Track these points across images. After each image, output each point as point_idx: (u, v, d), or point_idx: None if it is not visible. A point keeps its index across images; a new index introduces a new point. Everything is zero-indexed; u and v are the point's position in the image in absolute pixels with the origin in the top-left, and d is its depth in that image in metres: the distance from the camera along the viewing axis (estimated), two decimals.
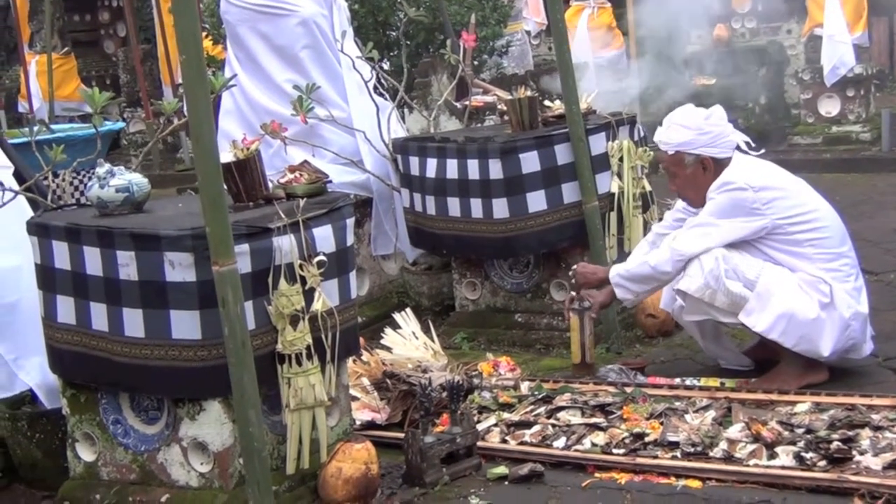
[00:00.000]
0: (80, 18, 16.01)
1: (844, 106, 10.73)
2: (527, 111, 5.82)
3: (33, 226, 4.14)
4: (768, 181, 4.78)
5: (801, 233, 4.73)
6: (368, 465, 4.01)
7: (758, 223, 4.69)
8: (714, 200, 4.74)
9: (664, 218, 5.35)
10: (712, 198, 4.76)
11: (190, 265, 3.74)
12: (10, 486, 4.53)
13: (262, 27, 6.30)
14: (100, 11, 16.20)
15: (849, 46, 10.46)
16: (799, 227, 4.73)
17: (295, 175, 4.31)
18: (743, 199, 4.71)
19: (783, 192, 4.77)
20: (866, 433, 4.07)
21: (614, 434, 4.32)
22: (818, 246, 4.75)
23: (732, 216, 4.69)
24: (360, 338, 4.67)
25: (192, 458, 3.97)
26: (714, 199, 4.75)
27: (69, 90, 13.87)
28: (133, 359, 3.90)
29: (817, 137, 10.72)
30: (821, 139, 10.69)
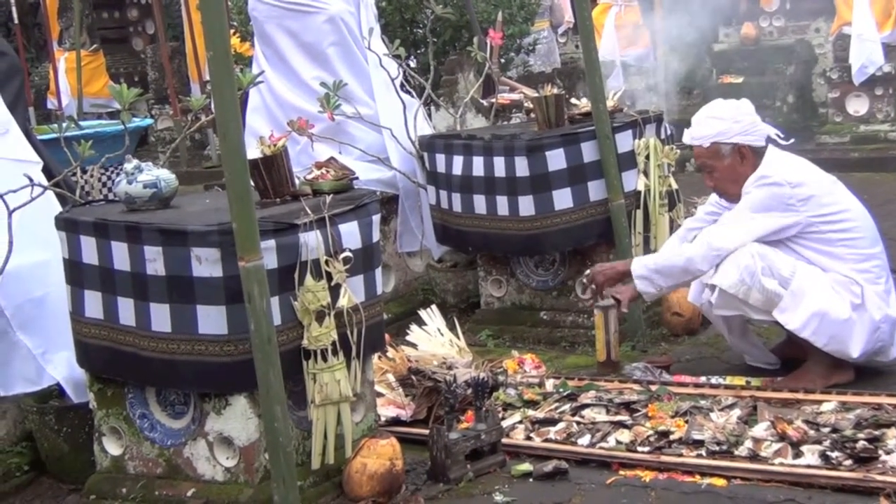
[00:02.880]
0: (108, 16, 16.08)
1: (873, 105, 10.66)
2: (553, 109, 5.81)
3: (61, 221, 4.18)
4: (805, 178, 4.76)
5: (834, 232, 4.71)
6: (393, 460, 4.02)
7: (792, 219, 4.67)
8: (750, 195, 4.72)
9: (697, 213, 5.32)
10: (749, 192, 4.73)
11: (217, 260, 3.77)
12: (38, 480, 4.56)
13: (290, 24, 6.32)
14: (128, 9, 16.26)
15: (877, 45, 10.39)
16: (832, 226, 4.71)
17: (321, 171, 4.33)
18: (780, 195, 4.69)
19: (819, 190, 4.75)
20: (892, 433, 4.05)
21: (639, 432, 4.32)
22: (850, 246, 4.73)
23: (769, 210, 4.67)
24: (386, 334, 4.70)
25: (217, 452, 4.00)
26: (751, 192, 4.72)
27: (98, 87, 13.92)
28: (160, 353, 3.93)
29: (845, 136, 10.64)
30: (849, 138, 10.62)
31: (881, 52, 10.43)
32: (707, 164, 4.89)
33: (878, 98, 10.64)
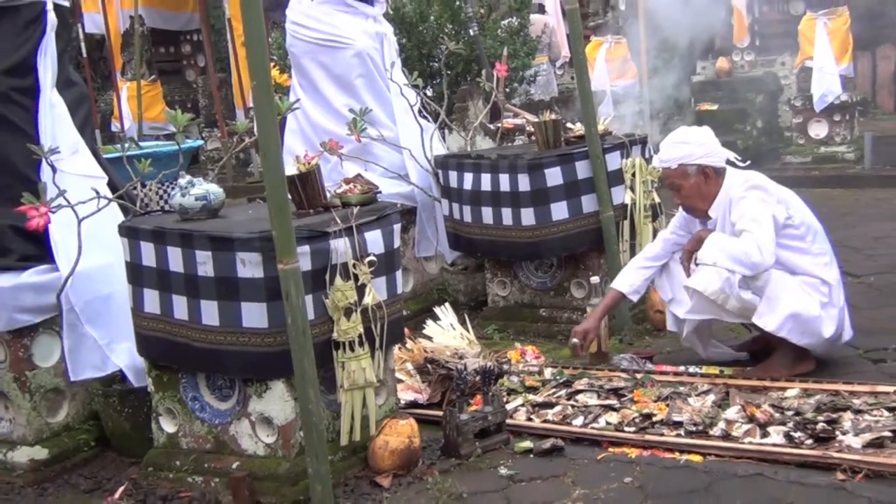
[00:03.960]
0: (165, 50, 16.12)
1: (831, 129, 10.66)
2: (552, 132, 5.81)
3: (124, 228, 4.18)
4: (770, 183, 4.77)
5: (796, 228, 4.68)
6: (411, 438, 4.05)
7: (781, 209, 4.62)
8: (746, 199, 4.62)
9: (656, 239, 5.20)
10: (743, 196, 4.64)
11: (259, 263, 3.76)
12: (102, 454, 4.56)
13: (323, 58, 6.33)
14: (182, 44, 16.30)
15: (836, 77, 10.40)
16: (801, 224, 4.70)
17: (349, 186, 4.33)
18: (767, 189, 4.68)
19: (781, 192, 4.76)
20: (848, 416, 4.05)
21: (626, 414, 4.33)
22: (813, 241, 4.73)
23: (766, 203, 4.60)
24: (405, 328, 4.68)
25: (259, 430, 4.01)
26: (746, 197, 4.63)
27: (155, 112, 13.94)
28: (209, 344, 3.93)
29: (807, 157, 10.65)
30: (810, 158, 10.62)
31: (839, 83, 10.44)
32: (675, 184, 4.81)
33: (836, 123, 10.65)
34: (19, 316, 4.36)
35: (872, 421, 3.98)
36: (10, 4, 4.50)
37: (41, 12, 4.60)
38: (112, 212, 4.48)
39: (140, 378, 4.42)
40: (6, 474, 4.38)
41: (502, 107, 6.77)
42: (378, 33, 6.43)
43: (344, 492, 3.90)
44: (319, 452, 3.72)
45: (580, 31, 5.85)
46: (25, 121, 4.54)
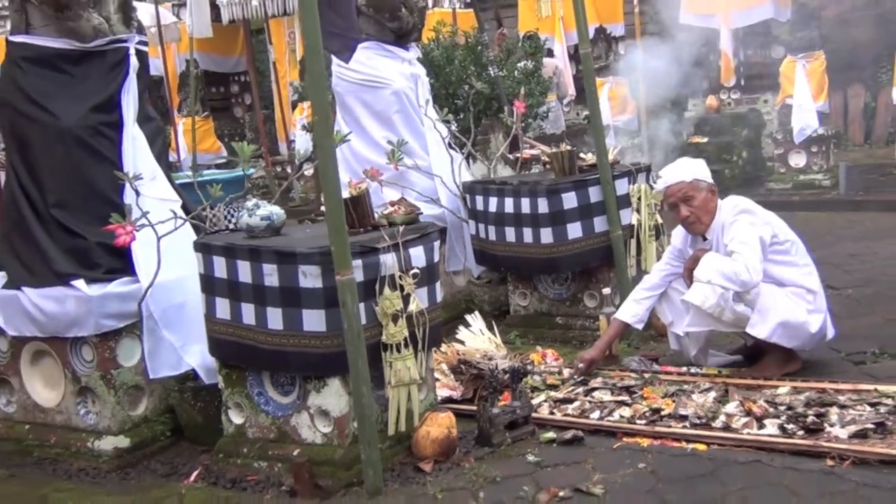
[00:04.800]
0: (216, 90, 16.20)
1: (810, 159, 10.64)
2: (567, 161, 5.85)
3: (199, 245, 4.21)
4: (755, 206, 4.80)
5: (781, 244, 4.70)
6: (450, 429, 4.07)
7: (767, 230, 4.65)
8: (737, 222, 4.65)
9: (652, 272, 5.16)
10: (734, 220, 4.67)
11: (318, 275, 3.80)
12: (177, 443, 4.60)
13: (365, 97, 6.38)
14: (231, 85, 16.38)
15: (813, 113, 10.41)
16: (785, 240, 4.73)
17: (394, 208, 4.35)
18: (754, 213, 4.71)
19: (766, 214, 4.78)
20: (834, 410, 4.07)
21: (637, 409, 4.35)
22: (798, 254, 4.75)
23: (754, 225, 4.63)
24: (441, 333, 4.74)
25: (317, 421, 4.03)
26: (736, 220, 4.66)
27: (207, 145, 13.98)
28: (274, 346, 3.96)
29: (788, 184, 10.63)
30: (791, 185, 10.60)
31: (816, 119, 10.45)
32: (688, 195, 4.75)
33: (814, 154, 10.65)
34: (106, 321, 4.41)
35: (856, 415, 4.00)
36: (98, 49, 4.59)
37: (125, 56, 4.68)
38: (184, 230, 4.50)
39: (210, 376, 4.46)
40: (94, 460, 4.43)
41: (520, 139, 6.81)
42: (413, 74, 6.49)
43: (391, 476, 3.91)
44: (371, 441, 3.77)
45: (593, 74, 5.88)
46: (111, 151, 4.62)
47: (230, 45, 15.23)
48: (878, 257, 7.51)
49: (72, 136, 4.53)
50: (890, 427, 3.86)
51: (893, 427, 3.87)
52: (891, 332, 5.37)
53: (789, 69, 10.61)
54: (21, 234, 4.63)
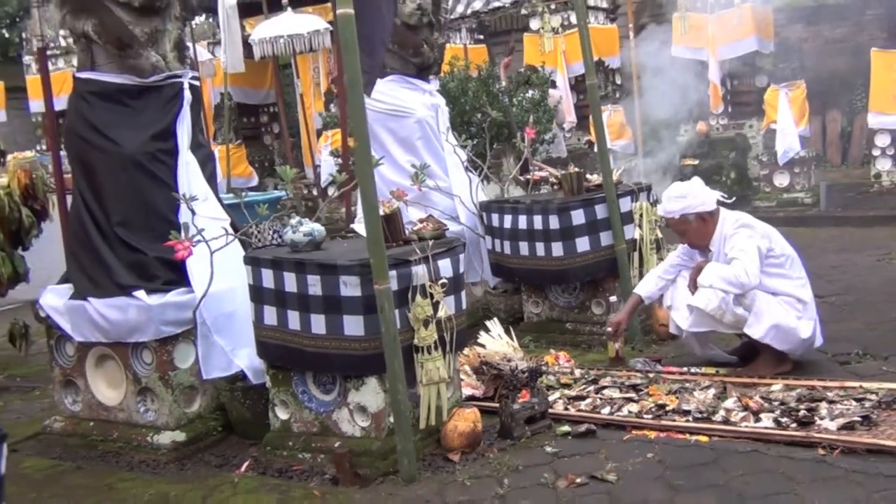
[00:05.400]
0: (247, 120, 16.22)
1: (792, 179, 10.68)
2: (576, 182, 5.92)
3: (248, 258, 4.26)
4: (756, 221, 4.88)
5: (777, 258, 4.77)
6: (475, 423, 4.10)
7: (765, 243, 4.72)
8: (737, 234, 4.74)
9: (667, 259, 5.28)
10: (734, 233, 4.76)
11: (357, 285, 3.85)
12: (228, 437, 4.62)
13: (390, 125, 6.40)
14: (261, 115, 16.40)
15: (795, 136, 10.44)
16: (781, 254, 4.79)
17: (423, 224, 4.40)
18: (753, 227, 4.79)
19: (765, 228, 4.86)
20: (823, 405, 4.12)
21: (644, 405, 4.39)
22: (792, 268, 4.81)
23: (752, 238, 4.71)
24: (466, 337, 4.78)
25: (356, 416, 4.07)
26: (737, 233, 4.75)
27: (240, 170, 13.94)
28: (317, 349, 4.00)
29: (773, 202, 10.66)
30: (775, 203, 10.63)
31: (798, 142, 10.50)
32: (680, 229, 4.92)
33: (796, 174, 10.70)
34: (164, 328, 4.44)
35: (844, 409, 4.06)
36: (156, 84, 4.64)
37: (179, 90, 4.71)
38: (233, 246, 4.52)
39: (258, 376, 4.48)
40: (153, 453, 4.45)
41: (530, 162, 6.87)
42: (434, 104, 6.53)
43: (423, 465, 3.94)
44: (405, 433, 3.82)
45: (599, 104, 5.95)
46: (167, 175, 4.64)
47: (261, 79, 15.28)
48: (857, 268, 7.56)
49: (133, 162, 4.56)
50: (875, 419, 3.92)
51: (878, 419, 3.93)
52: (872, 335, 5.43)
53: (773, 97, 10.66)
54: (86, 251, 4.66)
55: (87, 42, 4.61)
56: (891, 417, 3.95)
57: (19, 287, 6.73)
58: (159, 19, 4.67)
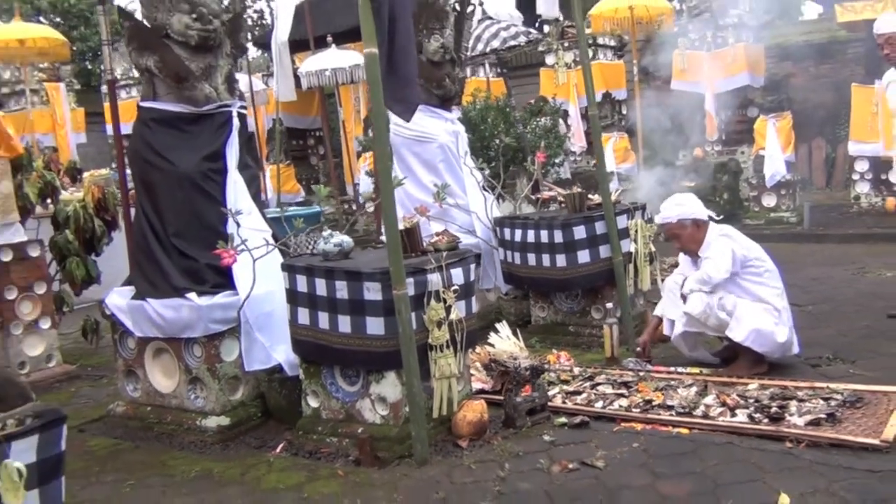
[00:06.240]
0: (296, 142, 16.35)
1: (779, 200, 10.61)
2: (578, 201, 5.92)
3: (285, 266, 4.29)
4: (739, 234, 4.90)
5: (756, 268, 4.76)
6: (482, 413, 4.12)
7: (740, 251, 4.74)
8: (716, 241, 4.80)
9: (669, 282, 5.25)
10: (711, 241, 4.81)
11: (379, 290, 3.87)
12: (266, 423, 4.64)
13: (415, 149, 6.44)
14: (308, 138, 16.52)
15: (782, 162, 10.39)
16: (759, 266, 4.78)
17: (439, 237, 4.43)
18: (731, 236, 4.82)
19: (748, 242, 4.86)
20: (794, 403, 4.10)
21: (633, 400, 4.39)
22: (770, 278, 4.79)
23: (728, 245, 4.74)
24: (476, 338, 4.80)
25: (377, 406, 4.09)
26: (713, 241, 4.81)
27: (289, 187, 14.04)
28: (343, 346, 4.03)
29: (761, 220, 10.59)
30: (763, 221, 10.56)
31: (784, 167, 10.44)
32: (676, 233, 4.93)
33: (783, 196, 10.62)
34: (212, 326, 4.49)
35: (812, 407, 4.04)
36: (209, 112, 4.71)
37: (229, 117, 4.77)
38: (273, 254, 4.57)
39: (293, 369, 4.51)
40: (201, 435, 4.49)
41: (541, 183, 6.89)
42: (454, 131, 6.56)
43: (435, 450, 3.97)
44: (419, 421, 3.84)
45: (600, 131, 5.98)
46: (217, 192, 4.69)
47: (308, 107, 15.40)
48: (834, 280, 7.49)
49: (188, 180, 4.62)
50: (839, 417, 3.90)
51: (842, 417, 3.91)
52: (843, 341, 5.39)
53: (762, 126, 10.60)
54: (146, 257, 4.73)
55: (149, 75, 4.68)
56: (853, 415, 3.93)
57: (92, 288, 6.85)
58: (212, 56, 4.73)
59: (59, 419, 2.54)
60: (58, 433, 2.53)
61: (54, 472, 2.53)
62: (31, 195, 6.38)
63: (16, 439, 2.41)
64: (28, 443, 2.44)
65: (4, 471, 2.36)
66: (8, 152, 5.95)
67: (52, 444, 2.51)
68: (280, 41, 10.67)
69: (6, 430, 2.40)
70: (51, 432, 2.51)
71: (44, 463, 2.49)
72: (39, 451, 2.48)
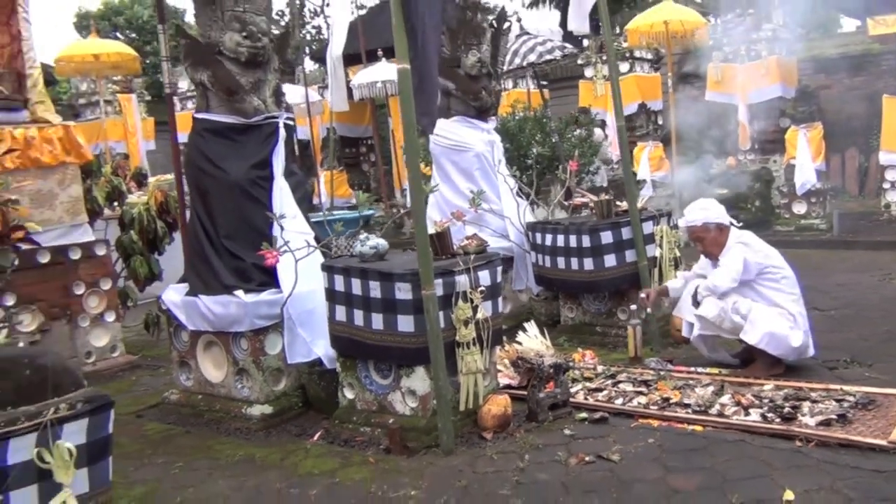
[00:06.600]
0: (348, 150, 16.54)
1: (809, 208, 10.42)
2: (606, 207, 5.91)
3: (324, 266, 4.36)
4: (758, 241, 4.82)
5: (773, 274, 4.70)
6: (506, 407, 4.13)
7: (753, 258, 4.67)
8: (733, 248, 4.75)
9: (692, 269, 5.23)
10: (730, 247, 4.77)
11: (409, 290, 3.92)
12: (306, 412, 4.71)
13: (453, 157, 6.48)
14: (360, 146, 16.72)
15: (812, 171, 10.20)
16: (776, 272, 4.71)
17: (468, 241, 4.44)
18: (748, 243, 4.75)
19: (766, 248, 4.79)
20: (807, 404, 4.05)
21: (651, 397, 4.37)
22: (787, 284, 4.72)
23: (744, 253, 4.69)
24: (504, 337, 4.77)
25: (407, 398, 4.13)
26: (732, 247, 4.76)
27: (342, 192, 14.16)
28: (377, 342, 4.08)
29: (791, 227, 10.41)
30: (794, 228, 10.38)
31: (815, 175, 10.25)
32: (700, 236, 4.87)
33: (813, 204, 10.42)
34: (258, 321, 4.58)
35: (824, 408, 3.98)
36: (257, 123, 4.80)
37: (276, 128, 4.86)
38: (315, 255, 4.64)
39: (331, 363, 4.57)
40: (246, 422, 4.58)
41: (573, 190, 6.89)
42: (490, 141, 6.57)
43: (461, 441, 4.00)
44: (446, 414, 3.88)
45: (626, 141, 5.93)
46: (264, 197, 4.77)
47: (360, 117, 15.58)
48: (860, 286, 7.32)
49: (237, 187, 4.71)
50: (850, 418, 3.84)
51: (853, 418, 3.85)
52: (862, 345, 5.27)
53: (793, 136, 10.43)
54: (200, 257, 4.84)
55: (203, 89, 4.80)
56: (864, 417, 3.87)
57: (154, 284, 7.03)
58: (261, 71, 4.83)
59: (108, 405, 2.65)
60: (106, 417, 2.65)
61: (102, 452, 2.64)
62: (99, 198, 6.59)
63: (67, 422, 2.53)
64: (78, 425, 2.56)
65: (56, 450, 2.48)
66: (78, 159, 6.16)
67: (100, 427, 2.62)
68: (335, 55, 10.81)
69: (59, 413, 2.52)
70: (99, 416, 2.62)
71: (93, 444, 2.60)
72: (89, 434, 2.59)
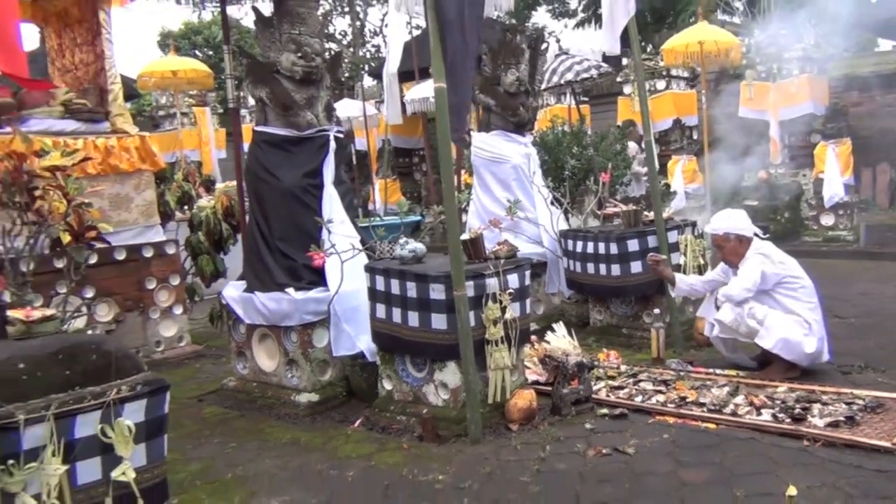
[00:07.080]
0: (402, 160, 16.67)
1: (837, 220, 10.17)
2: (633, 217, 5.90)
3: (367, 268, 4.42)
4: (777, 253, 4.76)
5: (791, 283, 4.64)
6: (532, 401, 4.16)
7: (771, 269, 4.62)
8: (752, 259, 4.70)
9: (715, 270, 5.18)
10: (749, 258, 4.72)
11: (442, 290, 3.97)
12: (349, 401, 4.75)
13: (492, 168, 6.49)
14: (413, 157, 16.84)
15: (840, 184, 9.95)
16: (794, 282, 4.65)
17: (499, 247, 4.48)
18: (766, 254, 4.70)
19: (785, 259, 4.74)
20: (817, 406, 4.00)
21: (669, 396, 4.36)
22: (805, 294, 4.66)
23: (762, 264, 4.64)
24: (534, 336, 4.80)
25: (439, 390, 4.18)
26: (749, 258, 4.71)
27: (394, 198, 14.38)
28: (413, 338, 4.14)
29: (819, 238, 10.17)
30: (822, 239, 10.14)
31: (843, 189, 10.00)
32: (720, 244, 4.83)
33: (840, 216, 10.18)
34: (306, 317, 4.66)
35: (833, 410, 3.93)
36: (310, 136, 4.90)
37: (327, 140, 4.95)
38: (360, 257, 4.70)
39: (373, 356, 4.62)
40: (294, 409, 4.65)
41: (605, 200, 6.87)
42: (526, 154, 6.56)
43: (488, 431, 4.03)
44: (475, 406, 3.93)
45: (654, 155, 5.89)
46: (314, 204, 4.86)
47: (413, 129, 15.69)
48: (883, 296, 7.13)
49: (290, 194, 4.80)
50: (858, 420, 3.79)
51: (861, 420, 3.80)
52: (879, 352, 5.16)
53: (822, 151, 10.18)
54: (256, 257, 4.95)
55: (262, 104, 4.92)
56: (872, 419, 3.81)
57: (219, 281, 7.20)
58: (314, 88, 4.95)
59: (164, 388, 2.77)
60: (162, 399, 2.76)
61: (158, 430, 2.76)
62: (171, 202, 6.81)
63: (128, 402, 2.65)
64: (138, 405, 2.68)
65: (117, 427, 2.61)
66: (152, 166, 6.38)
67: (157, 407, 2.75)
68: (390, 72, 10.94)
69: (121, 394, 2.65)
70: (157, 398, 2.74)
71: (150, 423, 2.72)
72: (147, 413, 2.71)
